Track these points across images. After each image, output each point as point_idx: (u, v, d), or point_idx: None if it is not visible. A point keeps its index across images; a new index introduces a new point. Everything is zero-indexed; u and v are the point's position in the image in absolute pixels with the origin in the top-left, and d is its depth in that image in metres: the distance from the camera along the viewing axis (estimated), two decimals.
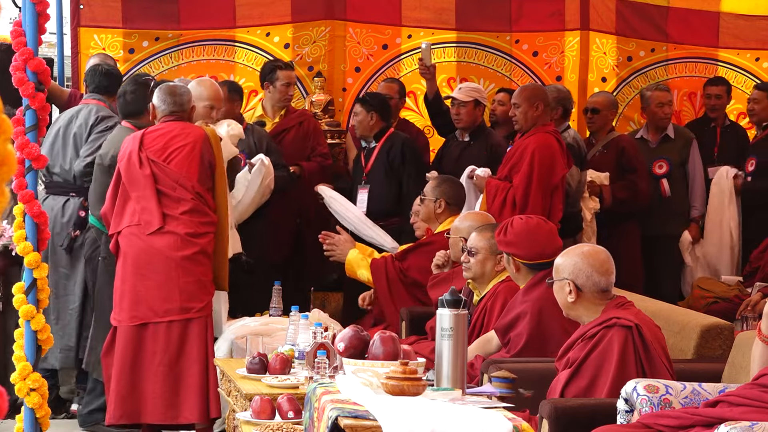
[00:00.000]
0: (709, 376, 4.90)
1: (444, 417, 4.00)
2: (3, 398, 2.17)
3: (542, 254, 5.57)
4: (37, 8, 5.47)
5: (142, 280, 6.55)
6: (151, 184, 6.57)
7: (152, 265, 6.53)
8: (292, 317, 6.09)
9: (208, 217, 6.62)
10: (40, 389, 5.45)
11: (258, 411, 5.10)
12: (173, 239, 6.53)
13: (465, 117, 8.30)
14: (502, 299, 5.83)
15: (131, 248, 6.59)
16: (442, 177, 7.47)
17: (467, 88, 8.38)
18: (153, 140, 6.66)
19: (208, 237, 6.61)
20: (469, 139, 8.35)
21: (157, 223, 6.55)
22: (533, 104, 7.64)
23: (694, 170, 8.81)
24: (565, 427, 4.43)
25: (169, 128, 6.70)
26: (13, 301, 5.57)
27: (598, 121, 8.58)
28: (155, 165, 6.59)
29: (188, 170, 6.59)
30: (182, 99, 6.76)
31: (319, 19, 9.03)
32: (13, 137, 2.28)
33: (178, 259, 6.52)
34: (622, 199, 8.28)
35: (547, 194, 7.60)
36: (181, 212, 6.56)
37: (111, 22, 8.70)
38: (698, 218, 8.84)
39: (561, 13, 9.29)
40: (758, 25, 9.53)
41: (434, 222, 7.29)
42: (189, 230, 6.54)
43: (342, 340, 4.60)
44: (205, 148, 6.64)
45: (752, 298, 7.54)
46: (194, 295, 6.52)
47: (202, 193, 6.60)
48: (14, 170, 2.20)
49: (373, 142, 8.20)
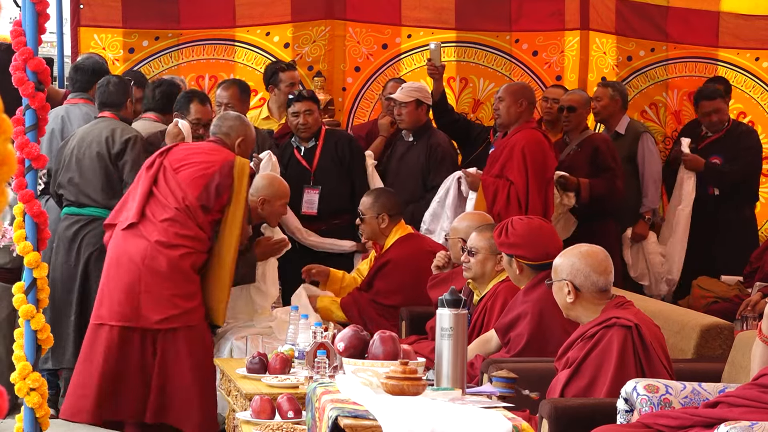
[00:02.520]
0: (709, 376, 4.90)
1: (444, 417, 4.00)
2: (3, 398, 2.17)
3: (547, 254, 5.54)
4: (37, 8, 5.47)
5: (107, 280, 6.53)
6: (148, 184, 6.56)
7: (120, 268, 6.49)
8: (292, 317, 6.10)
9: (189, 231, 6.50)
10: (40, 389, 5.44)
11: (258, 411, 5.10)
12: (143, 246, 6.46)
13: (407, 117, 8.16)
14: (502, 299, 5.83)
15: (111, 246, 6.60)
16: (376, 191, 7.40)
17: (409, 88, 8.23)
18: (179, 150, 6.69)
19: (182, 251, 6.46)
20: (412, 139, 8.23)
21: (132, 217, 6.50)
22: (517, 100, 7.68)
23: (643, 165, 8.69)
24: (565, 427, 4.43)
25: (201, 146, 6.76)
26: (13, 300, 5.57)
27: (574, 119, 8.41)
28: (164, 170, 6.58)
29: (189, 183, 6.54)
30: (227, 125, 6.77)
31: (319, 18, 9.03)
32: (12, 137, 2.28)
33: (143, 269, 6.44)
34: (599, 196, 8.16)
35: (542, 189, 7.63)
36: (162, 219, 6.50)
37: (111, 21, 8.70)
38: (647, 214, 8.69)
39: (561, 13, 9.29)
40: (758, 24, 9.52)
41: (381, 237, 7.24)
42: (161, 238, 6.46)
43: (342, 339, 4.60)
44: (221, 173, 6.54)
45: (752, 298, 7.54)
46: (156, 308, 6.42)
47: (192, 208, 6.50)
48: (14, 170, 2.20)
49: (313, 140, 7.97)
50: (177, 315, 6.44)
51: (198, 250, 6.53)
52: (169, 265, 6.44)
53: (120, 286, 6.46)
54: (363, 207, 7.25)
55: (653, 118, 9.51)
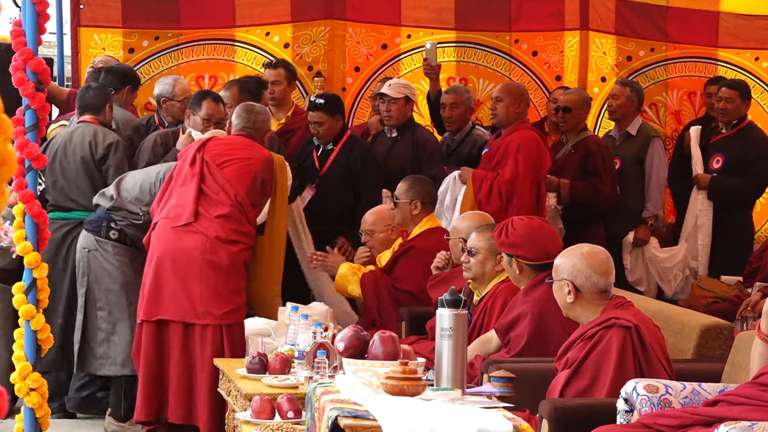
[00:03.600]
0: (709, 375, 4.90)
1: (444, 417, 4.00)
2: (3, 398, 2.17)
3: (548, 254, 5.53)
4: (37, 8, 5.47)
5: (164, 276, 6.52)
6: (197, 182, 6.59)
7: (177, 263, 6.50)
8: (292, 317, 6.09)
9: (243, 227, 6.59)
10: (39, 389, 5.45)
11: (258, 411, 5.10)
12: (201, 241, 6.50)
13: (396, 114, 8.12)
14: (502, 299, 5.83)
15: (159, 243, 6.57)
16: (413, 178, 7.38)
17: (397, 84, 8.19)
18: (215, 146, 6.73)
19: (239, 247, 6.55)
20: (396, 135, 8.19)
21: (187, 217, 6.53)
22: (516, 101, 7.73)
23: (650, 169, 8.63)
24: (565, 427, 4.44)
25: (235, 140, 6.82)
26: (13, 301, 5.57)
27: (570, 120, 8.34)
28: (207, 166, 6.62)
29: (237, 179, 6.61)
30: (256, 118, 6.87)
31: (319, 18, 9.03)
32: (12, 137, 2.28)
33: (202, 263, 6.48)
34: (581, 200, 8.14)
35: (534, 186, 7.64)
36: (216, 215, 6.55)
37: (111, 21, 8.70)
38: (650, 219, 8.62)
39: (560, 13, 9.29)
40: (758, 24, 9.53)
41: (410, 224, 7.23)
42: (220, 234, 6.51)
43: (342, 340, 4.60)
44: (263, 169, 6.69)
45: (752, 298, 7.53)
46: (215, 302, 6.47)
47: (244, 204, 6.60)
48: (14, 170, 2.20)
49: (331, 144, 7.97)
50: (235, 310, 6.53)
51: (249, 246, 6.65)
52: (229, 260, 6.51)
53: (179, 283, 6.48)
54: (398, 192, 7.24)
55: (653, 118, 9.51)
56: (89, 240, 7.01)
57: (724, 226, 8.63)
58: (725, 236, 8.61)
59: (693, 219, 8.66)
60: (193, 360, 6.49)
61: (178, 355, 6.49)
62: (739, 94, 8.68)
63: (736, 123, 8.68)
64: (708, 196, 8.60)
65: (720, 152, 8.66)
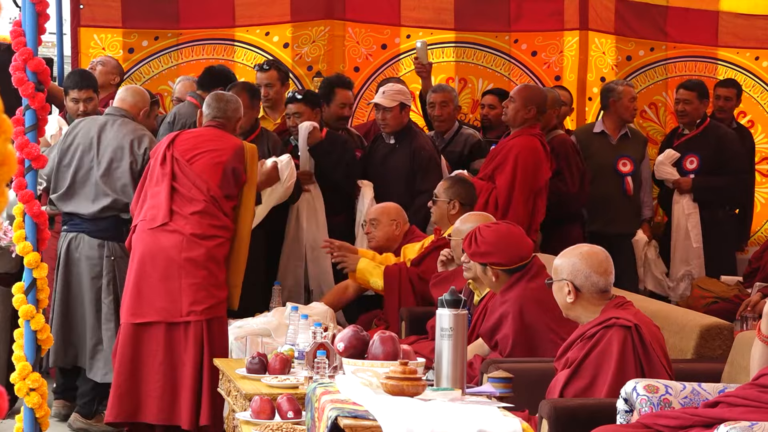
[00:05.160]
0: (709, 376, 4.90)
1: (444, 417, 4.00)
2: (3, 398, 2.17)
3: (520, 257, 5.62)
4: (36, 8, 5.47)
5: (144, 278, 6.54)
6: (168, 181, 6.58)
7: (156, 264, 6.52)
8: (292, 317, 6.09)
9: (219, 221, 6.59)
10: (39, 389, 5.45)
11: (258, 411, 5.10)
12: (178, 239, 6.51)
13: (391, 122, 8.02)
14: None
15: (138, 245, 6.59)
16: (454, 177, 7.39)
17: (391, 92, 8.05)
18: (184, 141, 6.71)
19: (217, 241, 6.57)
20: (394, 142, 8.11)
21: (162, 218, 6.54)
22: (527, 105, 7.68)
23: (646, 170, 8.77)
24: (564, 427, 4.43)
25: (204, 132, 6.78)
26: (12, 300, 5.57)
27: (542, 120, 8.17)
28: (177, 163, 6.61)
29: (209, 173, 6.60)
30: (227, 107, 6.81)
31: (319, 18, 9.04)
32: (12, 137, 2.28)
33: (180, 261, 6.50)
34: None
35: (530, 198, 7.63)
36: (191, 212, 6.55)
37: (111, 21, 8.71)
38: (649, 218, 8.75)
39: (560, 13, 9.30)
40: (757, 24, 9.54)
41: (446, 223, 7.22)
42: (196, 231, 6.52)
43: (342, 340, 4.60)
44: (235, 158, 6.65)
45: (752, 298, 7.53)
46: (195, 299, 6.48)
47: (218, 198, 6.59)
48: (14, 170, 2.20)
49: None
50: (216, 304, 6.53)
51: (227, 238, 6.64)
52: (207, 255, 6.51)
53: (159, 283, 6.50)
54: (438, 190, 7.24)
55: (653, 118, 9.51)
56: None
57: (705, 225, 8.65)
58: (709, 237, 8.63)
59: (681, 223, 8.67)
60: (177, 359, 6.49)
61: (162, 355, 6.48)
62: (697, 95, 8.76)
63: (699, 122, 8.75)
64: (693, 198, 8.64)
65: (692, 153, 8.71)
